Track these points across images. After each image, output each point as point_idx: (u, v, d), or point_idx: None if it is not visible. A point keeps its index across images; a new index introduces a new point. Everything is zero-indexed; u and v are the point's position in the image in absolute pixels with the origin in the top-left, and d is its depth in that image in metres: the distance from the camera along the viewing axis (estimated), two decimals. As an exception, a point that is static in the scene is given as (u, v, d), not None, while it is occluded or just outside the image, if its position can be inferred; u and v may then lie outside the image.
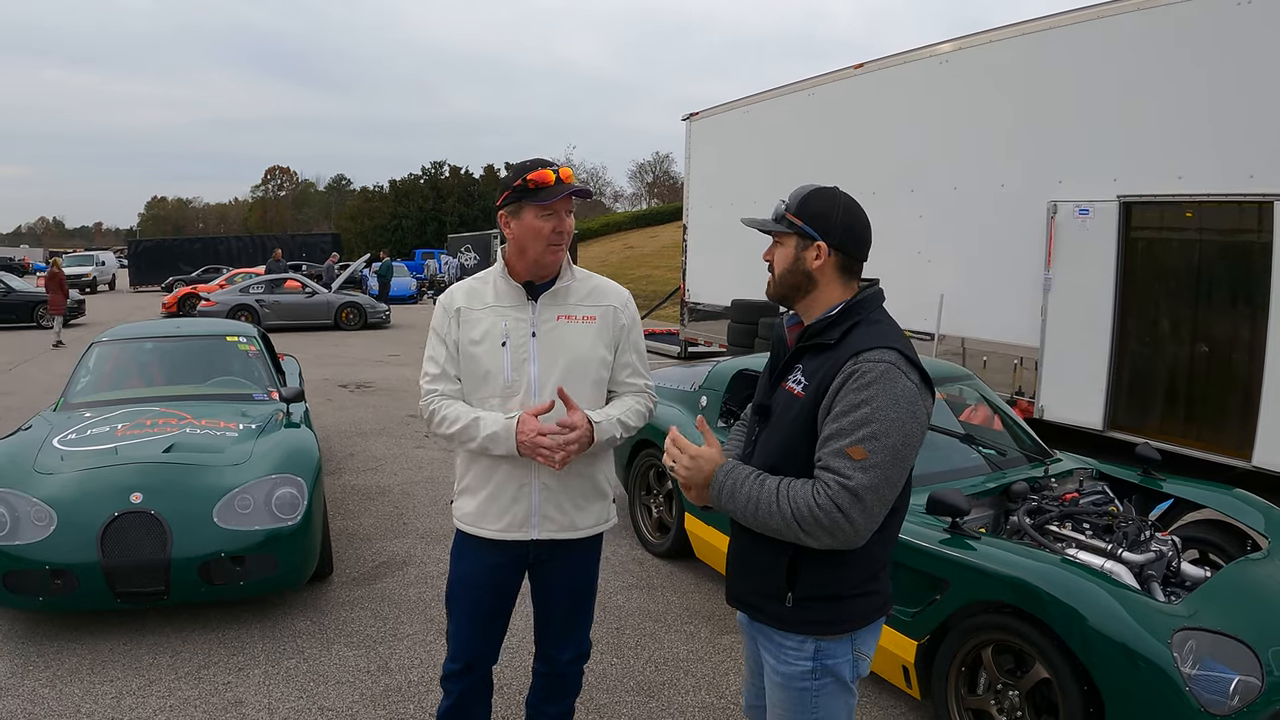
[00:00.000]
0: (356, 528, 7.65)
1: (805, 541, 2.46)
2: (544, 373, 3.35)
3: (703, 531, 6.28)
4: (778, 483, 2.52)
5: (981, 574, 4.09)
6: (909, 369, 2.50)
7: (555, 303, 3.41)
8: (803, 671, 2.67)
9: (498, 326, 3.36)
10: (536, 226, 3.26)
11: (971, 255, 11.38)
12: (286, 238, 57.02)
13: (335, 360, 19.14)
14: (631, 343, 3.55)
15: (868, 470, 2.39)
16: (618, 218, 68.29)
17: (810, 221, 2.64)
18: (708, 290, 18.05)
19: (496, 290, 3.43)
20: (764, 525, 2.52)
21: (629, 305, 3.59)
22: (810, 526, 2.41)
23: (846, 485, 2.38)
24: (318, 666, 5.18)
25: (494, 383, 3.35)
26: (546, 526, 3.42)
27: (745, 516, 2.55)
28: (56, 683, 4.97)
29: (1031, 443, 5.83)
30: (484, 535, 3.44)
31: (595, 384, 3.45)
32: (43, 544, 5.27)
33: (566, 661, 3.72)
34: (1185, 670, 3.49)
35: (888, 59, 13.04)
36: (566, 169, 3.29)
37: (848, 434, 2.42)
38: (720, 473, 2.62)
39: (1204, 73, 8.72)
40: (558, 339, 3.38)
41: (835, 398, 2.48)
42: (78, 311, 28.48)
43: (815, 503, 2.40)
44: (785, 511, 2.45)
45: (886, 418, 2.42)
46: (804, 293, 2.70)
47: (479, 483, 3.44)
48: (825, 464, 2.44)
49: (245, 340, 8.30)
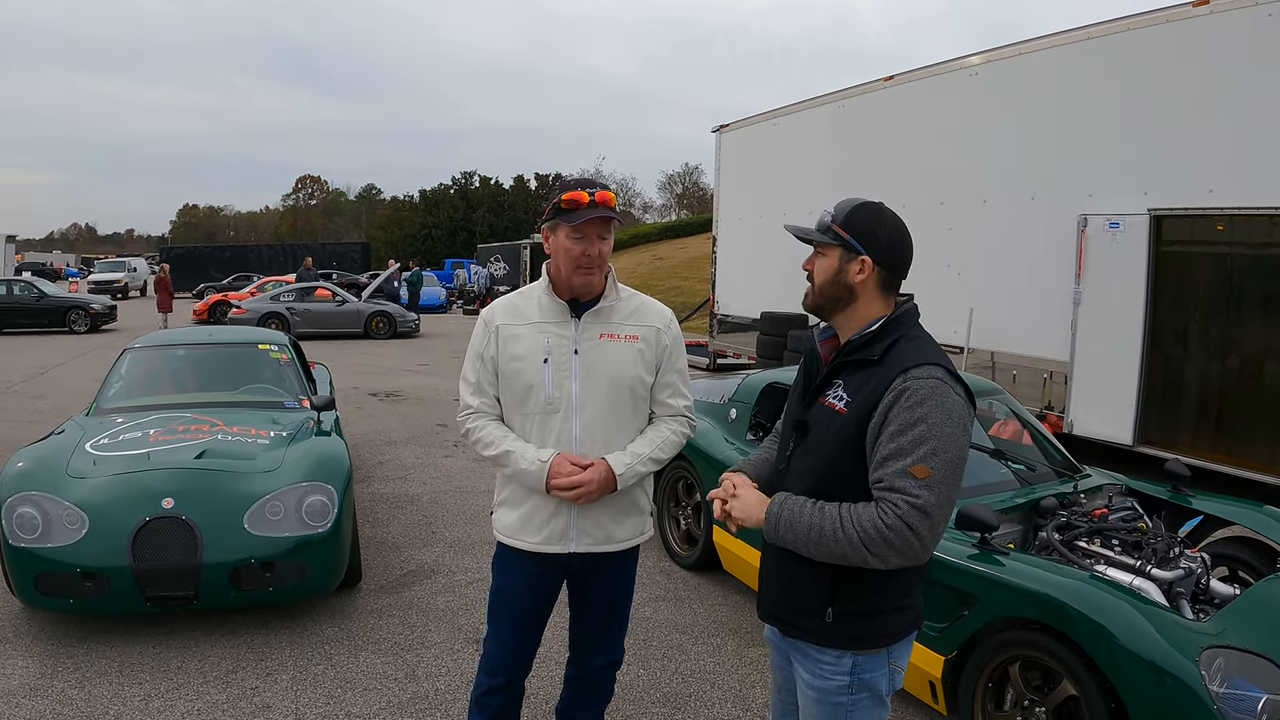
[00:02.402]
0: (385, 536, 7.68)
1: (872, 563, 2.46)
2: (585, 391, 3.37)
3: (731, 545, 6.27)
4: (838, 508, 2.51)
5: (1010, 590, 4.08)
6: (956, 384, 2.50)
7: (598, 321, 3.42)
8: (839, 686, 2.67)
9: (540, 343, 3.37)
10: (566, 246, 3.28)
11: (1001, 268, 11.34)
12: (317, 246, 57.41)
13: (365, 369, 19.21)
14: (673, 363, 3.56)
15: (932, 487, 2.39)
16: (647, 229, 68.23)
17: (856, 235, 2.63)
18: (737, 302, 18.05)
19: (540, 306, 3.44)
20: (828, 552, 2.50)
21: (672, 325, 3.60)
22: (879, 548, 2.41)
23: (915, 504, 2.38)
24: (345, 673, 5.21)
25: (535, 399, 3.37)
26: (584, 540, 3.44)
27: (807, 545, 2.54)
28: (85, 684, 5.02)
29: (1061, 458, 5.80)
30: (523, 547, 3.46)
31: (635, 403, 3.47)
32: (74, 547, 5.33)
33: (599, 667, 3.75)
34: (1213, 688, 3.46)
35: (918, 71, 13.04)
36: (606, 192, 3.27)
37: (908, 453, 2.41)
38: (774, 504, 2.63)
39: (1234, 85, 8.68)
40: (600, 357, 3.39)
41: (887, 416, 2.47)
42: (109, 317, 28.77)
43: (884, 524, 2.40)
44: (852, 536, 2.44)
45: (943, 434, 2.42)
46: (843, 306, 2.69)
47: (519, 496, 3.47)
48: (889, 484, 2.43)
49: (277, 348, 8.36)
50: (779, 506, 2.61)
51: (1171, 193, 9.30)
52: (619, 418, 3.41)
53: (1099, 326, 9.91)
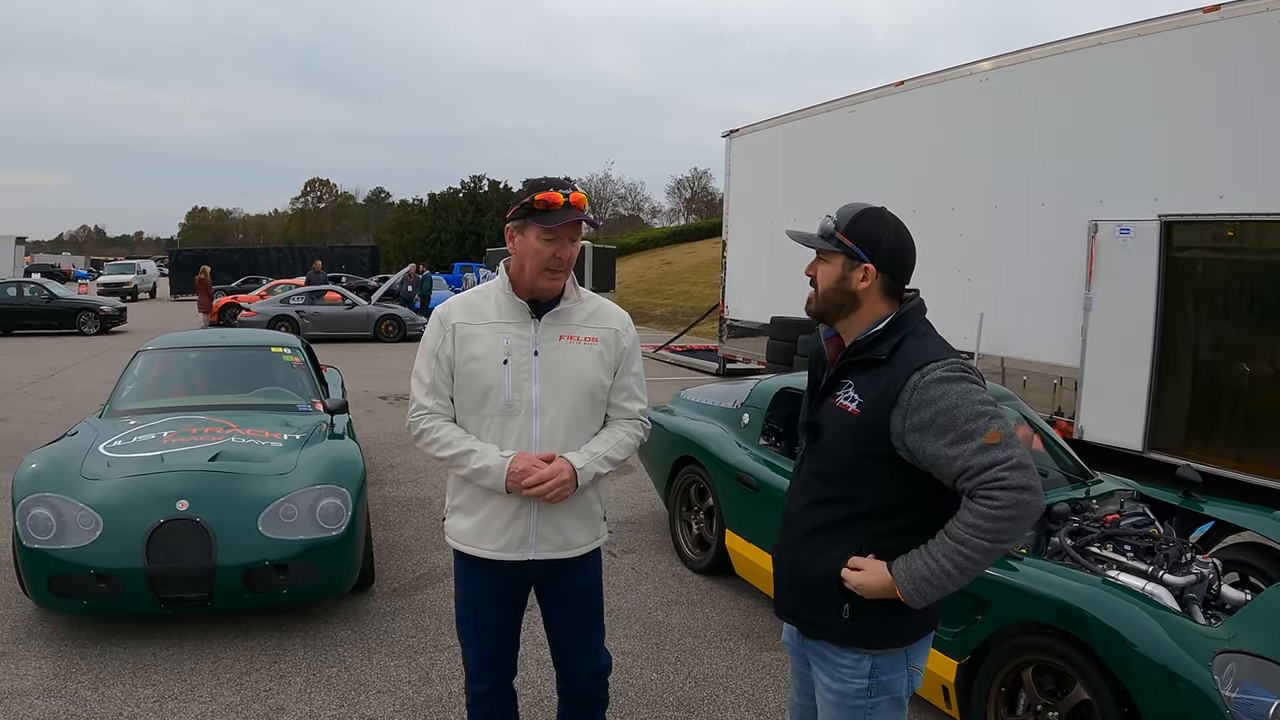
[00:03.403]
0: (397, 539, 7.71)
1: (1007, 550, 2.46)
2: (545, 393, 3.33)
3: (744, 549, 6.28)
4: (945, 538, 2.48)
5: (1024, 595, 4.08)
6: (969, 372, 2.51)
7: (558, 322, 3.38)
8: (858, 689, 2.68)
9: (499, 343, 3.32)
10: (536, 248, 3.23)
11: (1011, 274, 11.33)
12: (326, 249, 57.43)
13: (375, 372, 19.25)
14: (630, 366, 3.53)
15: (1011, 443, 2.39)
16: (655, 233, 68.13)
17: (860, 242, 2.63)
18: (746, 307, 18.06)
19: (499, 306, 3.39)
20: (973, 574, 2.48)
21: (629, 328, 3.57)
22: (1008, 532, 2.39)
23: (1012, 465, 2.37)
24: (359, 675, 5.22)
25: (494, 401, 3.32)
26: (543, 546, 3.39)
27: (953, 585, 2.49)
28: (99, 685, 5.04)
29: (1072, 463, 5.80)
30: (481, 555, 3.41)
31: (595, 405, 3.44)
32: (88, 548, 5.35)
33: (588, 679, 3.69)
34: (1226, 693, 3.46)
35: (928, 77, 13.03)
36: (579, 194, 3.24)
37: (971, 434, 2.40)
38: (901, 577, 2.54)
39: (1246, 91, 8.67)
40: (560, 359, 3.35)
41: (920, 416, 2.47)
42: (119, 319, 28.84)
43: (997, 510, 2.37)
44: (980, 545, 2.41)
45: (982, 399, 2.44)
46: (847, 311, 2.69)
47: (475, 501, 3.40)
48: (978, 466, 2.39)
49: (290, 351, 8.39)
50: (906, 574, 2.53)
51: (1182, 199, 9.29)
52: (579, 420, 3.38)
53: (1109, 332, 9.91)
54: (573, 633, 3.64)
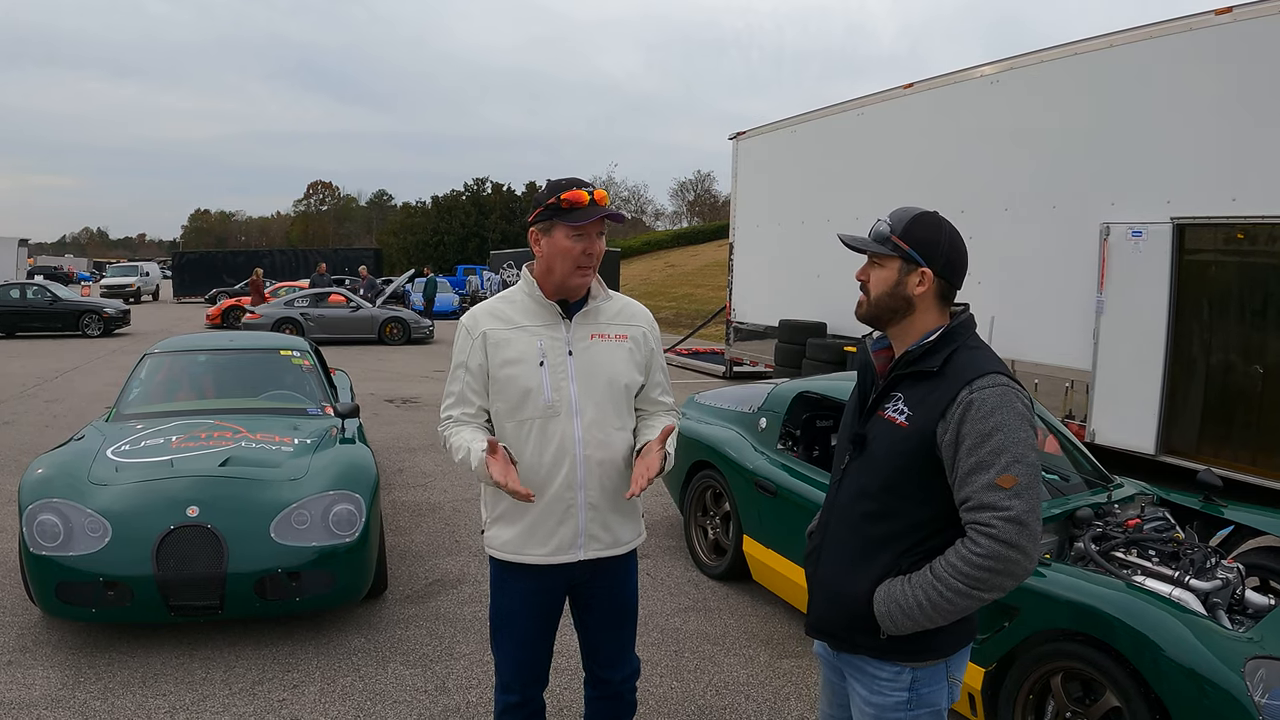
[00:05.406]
0: (409, 545, 7.65)
1: (987, 600, 2.42)
2: (584, 392, 3.32)
3: (761, 554, 6.23)
4: (928, 570, 2.46)
5: (1052, 601, 4.04)
6: (1020, 391, 2.48)
7: (588, 321, 3.39)
8: (898, 703, 2.62)
9: (533, 346, 3.32)
10: (566, 246, 3.23)
11: (1023, 277, 11.26)
12: (329, 252, 57.53)
13: (380, 375, 19.22)
14: (659, 363, 3.57)
15: (1021, 495, 2.36)
16: (659, 236, 68.23)
17: (917, 246, 2.59)
18: (753, 310, 18.03)
19: (526, 310, 3.39)
20: (946, 616, 2.45)
21: (654, 326, 3.64)
22: (988, 583, 2.37)
23: (1007, 517, 2.34)
24: (374, 685, 5.16)
25: (534, 403, 3.30)
26: (593, 546, 3.38)
27: (926, 621, 2.47)
28: (108, 695, 4.98)
29: (1092, 468, 5.75)
30: (528, 562, 3.38)
31: (629, 402, 3.45)
32: (97, 555, 5.29)
33: (620, 681, 3.67)
34: (1258, 699, 3.42)
35: (937, 79, 13.00)
36: (601, 191, 3.26)
37: (989, 465, 2.38)
38: (878, 594, 2.54)
39: (1257, 92, 8.62)
40: (594, 357, 3.36)
41: (960, 431, 2.43)
42: (123, 321, 28.86)
43: (978, 556, 2.36)
44: (956, 587, 2.39)
45: (1020, 439, 2.39)
46: (901, 317, 2.65)
47: (518, 510, 3.36)
48: (978, 501, 2.38)
49: (299, 354, 8.32)
50: (883, 598, 2.53)
51: (1194, 201, 9.24)
52: (618, 416, 3.38)
53: (1121, 335, 9.85)
54: (609, 634, 3.62)
